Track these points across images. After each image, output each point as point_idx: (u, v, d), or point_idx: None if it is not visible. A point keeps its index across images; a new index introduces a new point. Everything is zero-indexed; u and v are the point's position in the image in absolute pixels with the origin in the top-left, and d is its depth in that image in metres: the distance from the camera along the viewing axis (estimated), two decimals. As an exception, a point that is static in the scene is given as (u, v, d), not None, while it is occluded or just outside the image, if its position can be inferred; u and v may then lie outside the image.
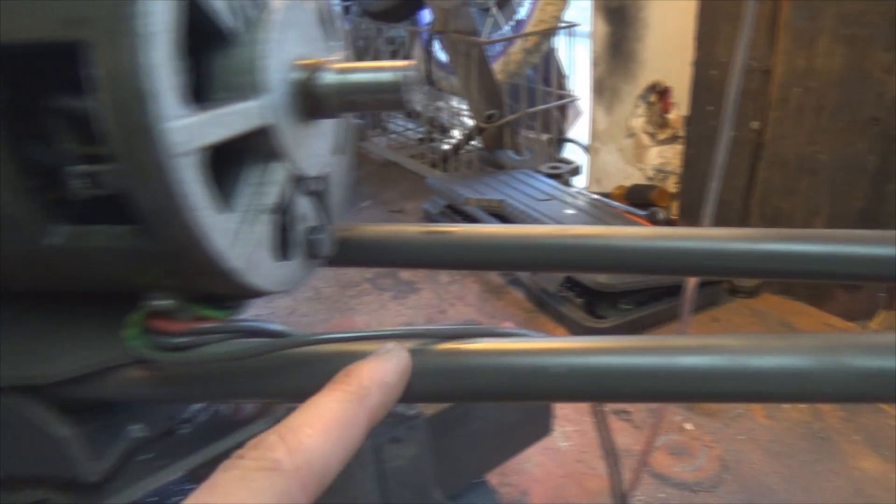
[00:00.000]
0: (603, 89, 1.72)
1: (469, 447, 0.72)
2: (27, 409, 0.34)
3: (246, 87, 0.29)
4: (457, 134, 2.16)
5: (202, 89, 0.29)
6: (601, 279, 1.15)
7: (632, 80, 1.62)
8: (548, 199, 1.52)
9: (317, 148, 0.35)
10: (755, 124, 1.24)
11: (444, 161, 2.00)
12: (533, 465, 0.97)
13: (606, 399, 0.31)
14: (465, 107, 2.07)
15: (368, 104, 0.32)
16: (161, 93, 0.24)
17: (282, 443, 0.25)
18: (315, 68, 0.32)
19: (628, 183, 1.67)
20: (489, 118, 1.77)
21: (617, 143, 1.73)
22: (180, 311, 0.33)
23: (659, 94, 1.57)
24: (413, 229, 0.44)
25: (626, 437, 0.99)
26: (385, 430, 0.61)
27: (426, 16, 2.04)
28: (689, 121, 1.38)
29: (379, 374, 0.29)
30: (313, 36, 0.35)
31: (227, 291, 0.33)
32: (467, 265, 0.43)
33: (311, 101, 0.32)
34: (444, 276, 1.48)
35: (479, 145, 1.94)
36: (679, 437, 0.97)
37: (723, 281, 1.27)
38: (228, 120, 0.28)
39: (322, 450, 0.25)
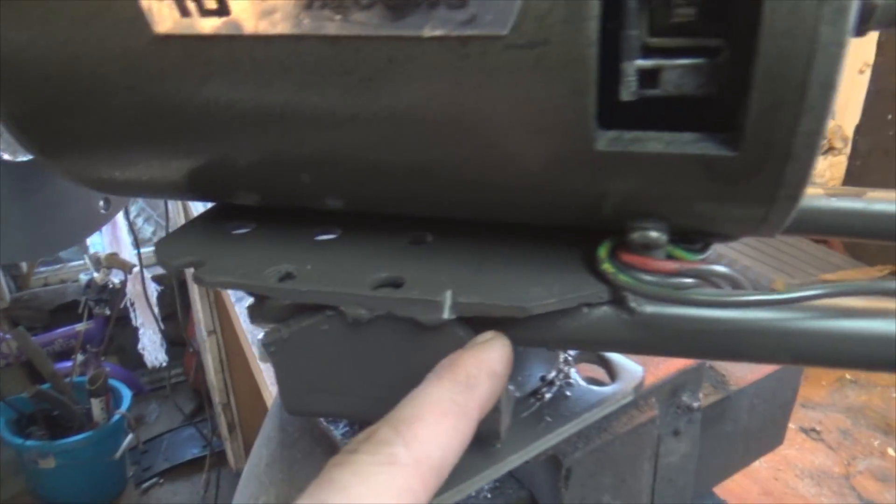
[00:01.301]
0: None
1: (715, 450, 0.66)
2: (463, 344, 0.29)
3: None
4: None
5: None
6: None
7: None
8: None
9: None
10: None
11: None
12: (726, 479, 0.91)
13: None
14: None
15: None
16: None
17: (397, 435, 0.23)
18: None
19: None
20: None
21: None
22: (660, 247, 0.29)
23: (810, 103, 1.49)
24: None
25: (820, 457, 0.92)
26: (670, 421, 0.56)
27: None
28: (860, 130, 1.30)
29: (486, 363, 0.27)
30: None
31: (735, 229, 0.28)
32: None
33: (864, 11, 0.27)
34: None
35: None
36: (882, 462, 0.90)
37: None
38: None
39: (438, 442, 0.24)
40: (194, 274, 0.32)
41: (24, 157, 0.42)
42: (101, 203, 0.49)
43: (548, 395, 0.38)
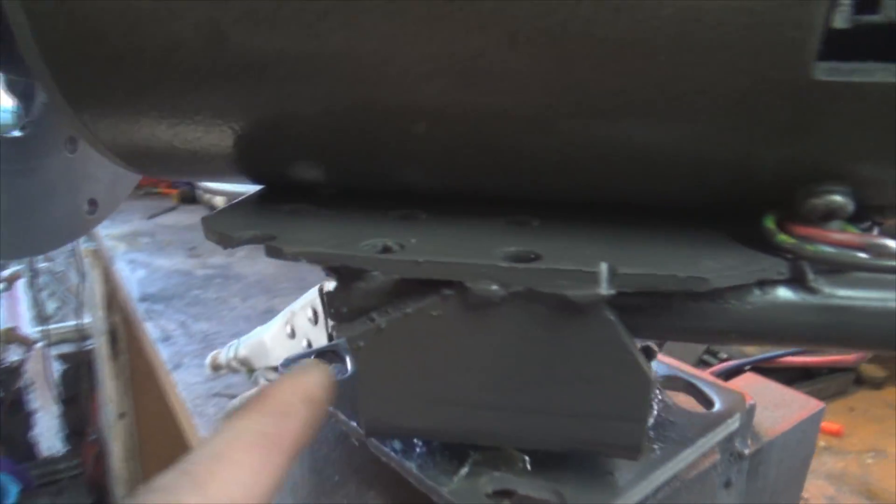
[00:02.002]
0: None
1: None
2: (614, 333, 0.24)
3: None
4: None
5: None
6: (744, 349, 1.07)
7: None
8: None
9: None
10: None
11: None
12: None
13: None
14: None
15: None
16: None
17: (188, 480, 0.20)
18: None
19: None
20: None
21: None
22: (843, 216, 0.25)
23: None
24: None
25: (813, 527, 0.88)
26: (724, 470, 0.51)
27: None
28: None
29: (303, 389, 0.25)
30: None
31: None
32: None
33: None
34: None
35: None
36: (874, 530, 0.87)
37: (850, 370, 1.21)
38: None
39: (242, 481, 0.21)
40: (269, 245, 0.25)
41: (11, 133, 0.35)
42: (86, 206, 0.41)
43: (650, 421, 0.33)
